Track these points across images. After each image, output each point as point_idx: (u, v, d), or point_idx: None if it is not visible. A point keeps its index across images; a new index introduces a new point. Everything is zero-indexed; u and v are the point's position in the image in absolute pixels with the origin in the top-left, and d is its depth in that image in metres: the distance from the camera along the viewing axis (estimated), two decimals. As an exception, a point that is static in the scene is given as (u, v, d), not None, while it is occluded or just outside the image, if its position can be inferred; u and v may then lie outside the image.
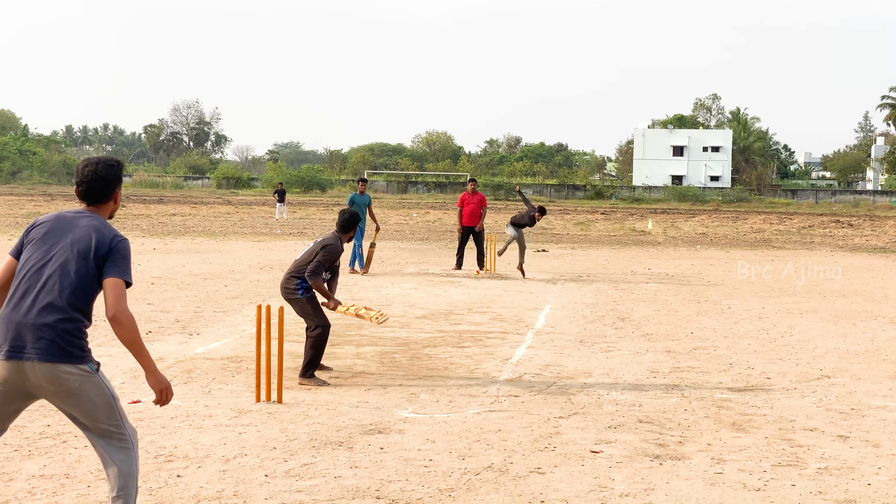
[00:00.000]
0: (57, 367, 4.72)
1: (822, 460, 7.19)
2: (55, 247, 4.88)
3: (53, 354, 4.72)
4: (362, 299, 16.19)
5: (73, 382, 4.75)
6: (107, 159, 5.14)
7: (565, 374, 10.31)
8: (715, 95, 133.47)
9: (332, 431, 7.70)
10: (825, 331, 13.78)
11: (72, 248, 4.85)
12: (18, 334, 4.75)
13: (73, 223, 4.95)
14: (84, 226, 4.93)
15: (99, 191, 5.06)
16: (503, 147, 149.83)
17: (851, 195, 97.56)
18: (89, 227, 4.92)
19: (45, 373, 4.72)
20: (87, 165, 5.08)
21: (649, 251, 30.37)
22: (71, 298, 4.78)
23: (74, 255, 4.83)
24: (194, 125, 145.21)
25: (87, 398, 4.79)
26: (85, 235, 4.88)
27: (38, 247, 4.93)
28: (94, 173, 5.04)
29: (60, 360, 4.72)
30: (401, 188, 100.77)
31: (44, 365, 4.71)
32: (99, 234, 4.90)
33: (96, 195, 5.06)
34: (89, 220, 4.96)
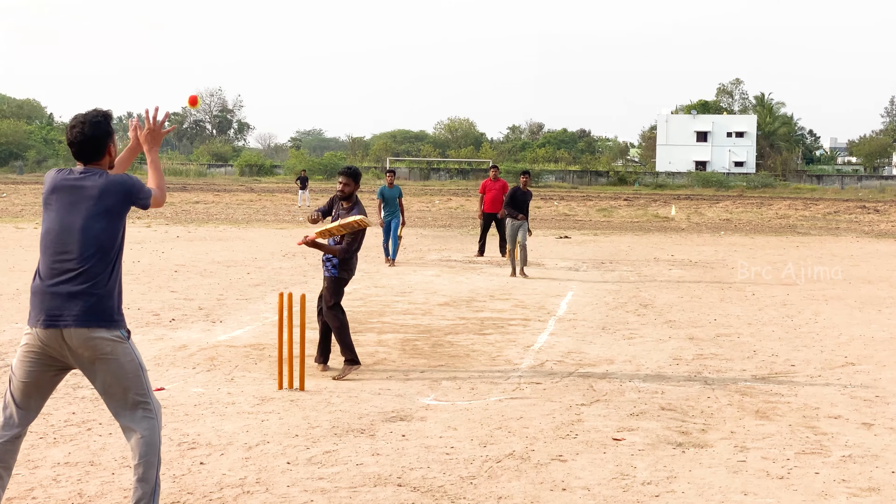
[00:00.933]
0: (92, 331, 4.84)
1: (846, 448, 7.14)
2: (72, 212, 4.94)
3: (89, 320, 4.83)
4: (384, 287, 16.21)
5: (106, 347, 4.87)
6: (92, 116, 5.09)
7: (587, 361, 10.29)
8: (737, 80, 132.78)
9: (354, 419, 7.71)
10: (850, 317, 13.69)
11: (91, 213, 4.93)
12: (54, 304, 4.84)
13: (82, 184, 4.98)
14: (95, 185, 4.97)
15: (91, 150, 5.06)
16: (525, 133, 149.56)
17: (877, 180, 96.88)
18: (100, 187, 4.97)
19: (80, 338, 4.83)
20: (74, 126, 5.07)
21: (672, 237, 30.26)
22: (100, 264, 4.90)
23: (95, 220, 4.92)
24: (217, 113, 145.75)
25: (118, 364, 4.90)
26: (100, 196, 4.95)
27: (58, 216, 4.97)
28: (81, 134, 5.04)
29: (96, 325, 4.84)
30: (423, 175, 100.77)
31: (80, 330, 4.82)
32: (110, 187, 4.98)
33: (89, 154, 5.07)
34: (96, 178, 5.00)
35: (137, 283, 15.93)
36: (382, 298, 14.80)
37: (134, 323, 11.99)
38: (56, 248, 4.93)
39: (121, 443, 6.89)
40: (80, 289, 4.85)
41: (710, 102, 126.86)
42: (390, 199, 20.87)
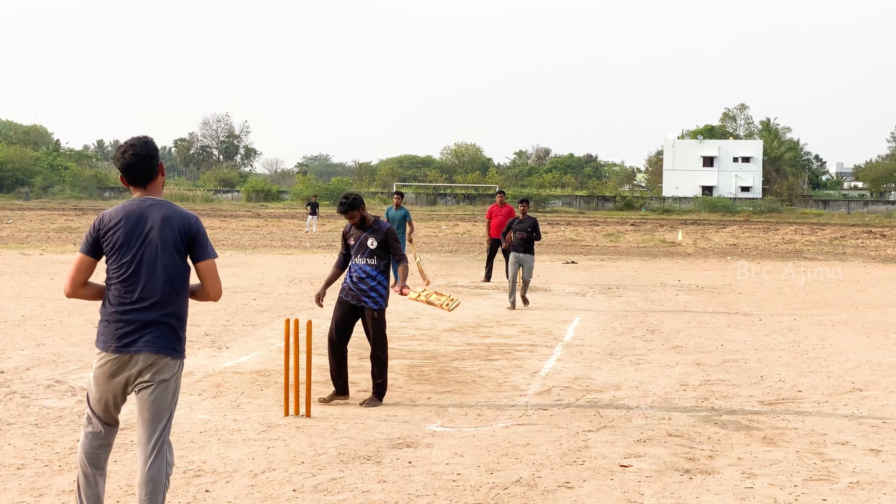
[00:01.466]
0: (161, 358, 5.17)
1: (854, 474, 7.11)
2: (142, 246, 5.18)
3: (160, 347, 5.17)
4: (390, 312, 16.20)
5: (167, 374, 5.19)
6: (140, 138, 5.29)
7: (594, 387, 10.27)
8: (742, 105, 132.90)
9: (361, 445, 7.70)
10: (857, 343, 13.66)
11: (158, 246, 5.17)
12: (127, 331, 5.15)
13: (145, 217, 5.20)
14: (158, 217, 5.19)
15: (145, 170, 5.24)
16: (532, 158, 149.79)
17: (884, 205, 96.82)
18: (162, 220, 5.19)
19: (149, 363, 5.15)
20: (125, 151, 5.23)
21: (679, 263, 30.23)
22: (170, 294, 5.21)
23: (162, 252, 5.18)
24: (224, 139, 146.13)
25: (165, 392, 5.20)
26: (164, 228, 5.18)
27: (125, 249, 5.20)
28: (134, 155, 5.21)
29: (165, 353, 5.18)
30: (430, 200, 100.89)
31: (150, 356, 5.14)
32: (175, 222, 5.21)
33: (144, 175, 5.25)
34: (158, 211, 5.20)
35: (144, 309, 15.92)
36: (389, 324, 14.73)
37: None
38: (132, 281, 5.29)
39: (125, 470, 6.88)
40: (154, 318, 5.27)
41: (717, 127, 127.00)
42: (395, 221, 20.91)
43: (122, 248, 5.20)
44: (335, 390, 9.40)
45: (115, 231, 5.20)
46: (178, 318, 5.32)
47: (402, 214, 21.19)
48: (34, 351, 11.82)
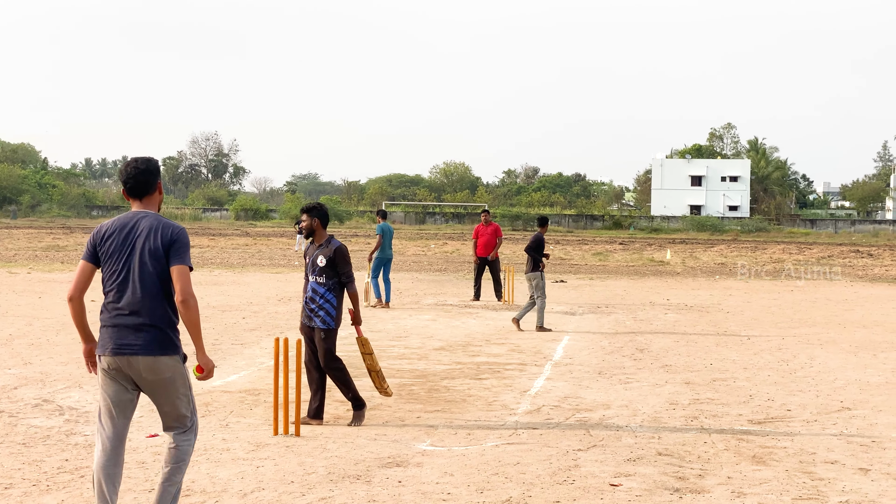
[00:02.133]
0: (157, 359, 5.56)
1: (843, 494, 7.12)
2: (131, 255, 5.60)
3: (153, 349, 5.54)
4: (380, 331, 16.19)
5: (167, 372, 5.59)
6: (143, 157, 5.80)
7: (584, 406, 10.27)
8: (729, 124, 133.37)
9: (350, 465, 7.68)
10: (845, 362, 13.69)
11: (145, 253, 5.57)
12: (121, 334, 5.55)
13: (135, 228, 5.63)
14: (145, 227, 5.62)
15: (144, 183, 5.72)
16: (521, 177, 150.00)
17: (871, 225, 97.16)
18: (150, 228, 5.62)
19: (146, 364, 5.54)
20: (128, 165, 5.74)
21: (668, 281, 30.28)
22: (157, 298, 5.57)
23: (149, 259, 5.57)
24: (213, 157, 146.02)
25: (174, 386, 5.63)
26: (150, 237, 5.59)
27: (116, 257, 5.63)
28: (135, 168, 5.71)
29: (160, 353, 5.55)
30: (419, 219, 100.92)
31: (146, 358, 5.54)
32: (160, 231, 5.62)
33: (143, 188, 5.73)
34: (147, 221, 5.65)
35: (132, 327, 15.88)
36: (378, 343, 14.76)
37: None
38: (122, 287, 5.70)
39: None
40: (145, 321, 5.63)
41: (704, 147, 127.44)
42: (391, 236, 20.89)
43: (113, 256, 5.63)
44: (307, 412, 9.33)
45: (109, 241, 5.65)
46: (168, 321, 5.62)
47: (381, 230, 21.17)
48: (21, 370, 11.77)
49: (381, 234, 20.77)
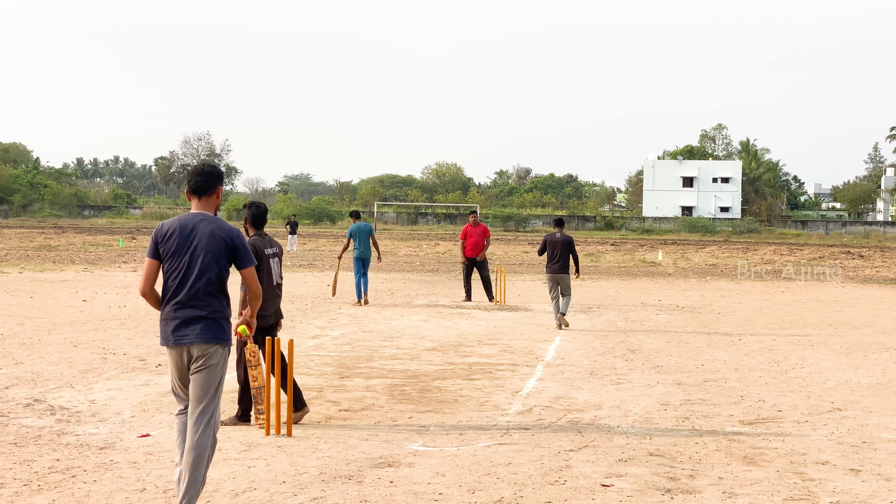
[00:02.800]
0: (210, 346, 6.21)
1: (834, 494, 7.14)
2: (193, 254, 6.22)
3: (209, 338, 6.21)
4: (372, 332, 16.19)
5: (216, 359, 6.25)
6: (210, 162, 6.72)
7: (576, 406, 10.28)
8: (720, 125, 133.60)
9: (342, 465, 7.68)
10: (836, 363, 13.72)
11: (205, 254, 6.22)
12: (181, 327, 6.20)
13: (195, 229, 6.26)
14: (205, 231, 6.26)
15: (203, 184, 6.40)
16: (513, 178, 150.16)
17: (861, 226, 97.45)
18: (210, 233, 6.26)
19: (202, 352, 6.20)
20: (196, 167, 6.49)
21: (659, 282, 30.32)
22: (215, 294, 6.23)
23: (209, 259, 6.22)
24: (205, 157, 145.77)
25: (216, 373, 6.26)
26: (211, 240, 6.24)
27: (177, 256, 6.24)
28: (202, 170, 6.44)
29: (214, 342, 6.22)
30: (411, 219, 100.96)
31: (202, 346, 6.19)
32: (220, 235, 6.27)
33: (204, 187, 6.40)
34: (206, 225, 6.28)
35: (123, 327, 15.88)
36: (370, 343, 14.78)
37: (119, 368, 11.95)
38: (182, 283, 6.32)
39: (106, 490, 6.85)
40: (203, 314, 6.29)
41: (696, 148, 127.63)
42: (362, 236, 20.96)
43: (175, 254, 6.25)
44: None
45: (170, 239, 6.27)
46: (221, 314, 6.27)
47: (369, 229, 21.33)
48: (13, 370, 11.74)
49: (350, 237, 20.99)
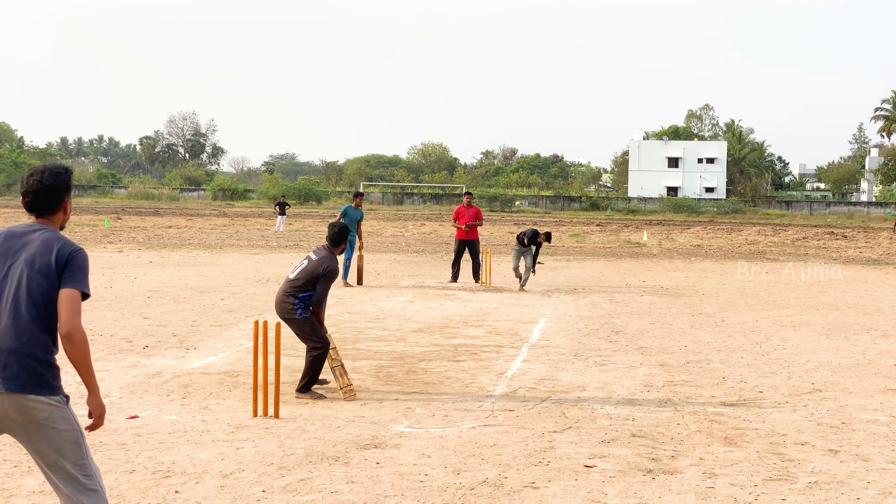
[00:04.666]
0: (26, 397, 4.41)
1: (813, 475, 7.27)
2: (11, 267, 4.54)
3: (22, 384, 4.42)
4: (358, 313, 16.27)
5: (42, 413, 4.44)
6: (53, 167, 4.74)
7: (560, 388, 10.39)
8: (707, 106, 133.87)
9: (329, 446, 7.77)
10: (818, 344, 13.87)
11: (29, 267, 4.51)
12: None
13: (25, 238, 4.61)
14: (37, 239, 4.59)
15: (46, 201, 4.68)
16: (499, 158, 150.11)
17: (846, 207, 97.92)
18: (43, 241, 4.58)
19: (13, 403, 4.42)
20: (32, 174, 4.70)
21: (644, 263, 30.47)
22: (35, 322, 4.47)
23: (34, 274, 4.50)
24: (190, 137, 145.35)
25: (55, 431, 4.47)
26: (41, 250, 4.54)
27: None
28: (39, 182, 4.67)
29: (30, 391, 4.42)
30: (397, 200, 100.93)
31: (12, 396, 4.41)
32: (55, 246, 4.56)
33: (44, 205, 4.69)
34: (42, 234, 4.62)
35: (110, 308, 15.92)
36: (356, 325, 14.86)
37: (106, 349, 12.02)
38: None
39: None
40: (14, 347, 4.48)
41: (681, 128, 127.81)
42: (352, 220, 20.98)
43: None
44: None
45: None
46: (47, 352, 4.53)
47: (360, 216, 21.33)
48: None
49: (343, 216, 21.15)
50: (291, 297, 9.61)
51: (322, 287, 9.58)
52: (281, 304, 9.68)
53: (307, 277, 9.60)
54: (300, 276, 9.64)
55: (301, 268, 9.73)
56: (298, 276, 9.65)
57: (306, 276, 9.61)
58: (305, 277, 9.60)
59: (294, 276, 9.69)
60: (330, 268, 9.61)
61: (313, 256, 9.79)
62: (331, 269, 9.62)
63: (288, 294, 9.62)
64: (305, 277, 9.60)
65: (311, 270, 9.61)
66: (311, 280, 9.58)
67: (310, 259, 9.78)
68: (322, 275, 9.57)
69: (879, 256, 36.34)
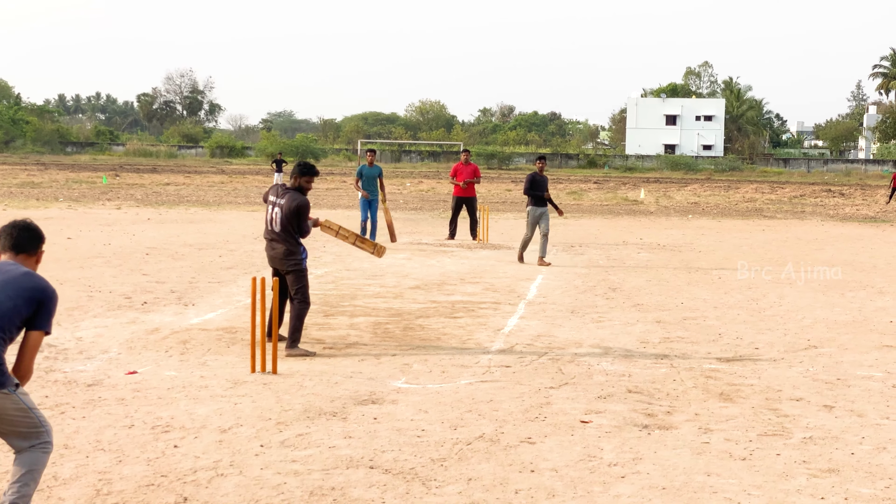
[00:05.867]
0: None
1: (807, 430, 7.32)
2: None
3: None
4: (356, 270, 16.29)
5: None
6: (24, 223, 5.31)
7: (556, 344, 10.43)
8: (706, 63, 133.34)
9: (326, 402, 7.82)
10: (814, 301, 13.91)
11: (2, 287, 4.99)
12: None
13: (3, 268, 5.10)
14: (14, 271, 5.07)
15: (29, 241, 5.24)
16: (496, 116, 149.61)
17: (843, 164, 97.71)
18: (20, 273, 5.07)
19: None
20: (14, 223, 5.29)
21: (641, 221, 30.48)
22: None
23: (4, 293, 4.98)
24: (188, 94, 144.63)
25: (6, 415, 5.01)
26: (18, 278, 5.03)
27: None
28: (24, 225, 5.27)
29: None
30: (394, 157, 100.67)
31: None
32: (32, 280, 5.06)
33: (26, 245, 5.22)
34: (17, 267, 5.10)
35: (108, 265, 15.94)
36: (354, 282, 14.89)
37: (105, 306, 12.04)
38: None
39: (94, 426, 6.98)
40: None
41: (679, 86, 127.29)
42: (370, 179, 21.01)
43: None
44: None
45: None
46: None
47: (378, 172, 21.33)
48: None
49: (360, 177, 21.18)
50: (296, 245, 9.65)
51: (304, 223, 9.67)
52: (287, 256, 9.64)
53: (289, 222, 9.59)
54: (285, 225, 9.60)
55: (278, 216, 9.64)
56: (284, 226, 9.61)
57: (289, 221, 9.60)
58: (289, 222, 9.60)
59: (280, 228, 9.65)
60: (301, 202, 9.64)
61: (280, 201, 9.66)
62: (304, 203, 9.66)
63: (290, 244, 9.62)
64: (289, 222, 9.60)
65: (289, 214, 9.59)
66: (294, 223, 9.62)
67: (278, 205, 9.66)
68: (296, 212, 9.60)
69: (876, 214, 36.36)
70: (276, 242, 9.72)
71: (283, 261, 9.70)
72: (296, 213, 9.60)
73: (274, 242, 9.74)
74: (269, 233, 9.77)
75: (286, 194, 9.69)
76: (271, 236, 9.75)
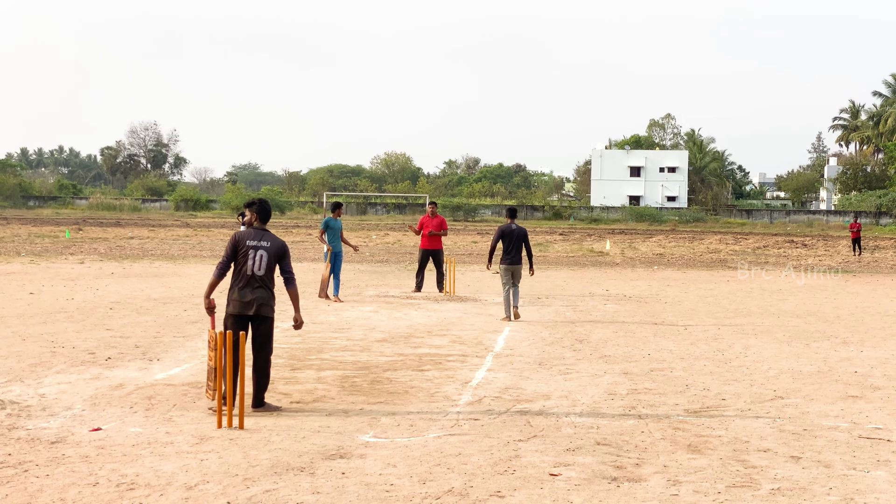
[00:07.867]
0: None
1: (775, 481, 7.33)
2: None
3: None
4: (322, 323, 16.23)
5: None
6: None
7: (524, 396, 10.42)
8: (669, 115, 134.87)
9: (294, 457, 7.75)
10: (779, 351, 13.99)
11: None
12: None
13: None
14: None
15: None
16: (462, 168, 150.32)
17: (805, 215, 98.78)
18: None
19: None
20: None
21: (607, 272, 30.61)
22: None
23: None
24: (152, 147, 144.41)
25: None
26: None
27: None
28: None
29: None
30: (360, 210, 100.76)
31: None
32: None
33: None
34: None
35: (72, 320, 15.80)
36: (321, 335, 14.83)
37: (68, 361, 11.92)
38: None
39: (58, 484, 6.88)
40: None
41: (643, 138, 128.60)
42: (335, 231, 20.95)
43: None
44: None
45: None
46: None
47: (340, 226, 21.34)
48: (-40, 364, 11.65)
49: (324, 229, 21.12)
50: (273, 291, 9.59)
51: (290, 265, 9.69)
52: (270, 302, 9.51)
53: (277, 262, 9.56)
54: (272, 266, 9.52)
55: (264, 259, 9.47)
56: (270, 268, 9.52)
57: (277, 261, 9.54)
58: (276, 263, 9.55)
59: (265, 272, 9.48)
60: (283, 244, 9.68)
61: (263, 243, 9.52)
62: (284, 245, 9.70)
63: (272, 289, 9.54)
64: (276, 263, 9.55)
65: (279, 253, 9.56)
66: (283, 262, 9.61)
67: (261, 247, 9.49)
68: (285, 250, 9.64)
69: (839, 264, 36.71)
70: (259, 289, 9.44)
71: (266, 307, 9.48)
72: (284, 251, 9.59)
73: (257, 289, 9.43)
74: (248, 279, 9.45)
75: (263, 235, 9.61)
76: (254, 283, 9.45)
